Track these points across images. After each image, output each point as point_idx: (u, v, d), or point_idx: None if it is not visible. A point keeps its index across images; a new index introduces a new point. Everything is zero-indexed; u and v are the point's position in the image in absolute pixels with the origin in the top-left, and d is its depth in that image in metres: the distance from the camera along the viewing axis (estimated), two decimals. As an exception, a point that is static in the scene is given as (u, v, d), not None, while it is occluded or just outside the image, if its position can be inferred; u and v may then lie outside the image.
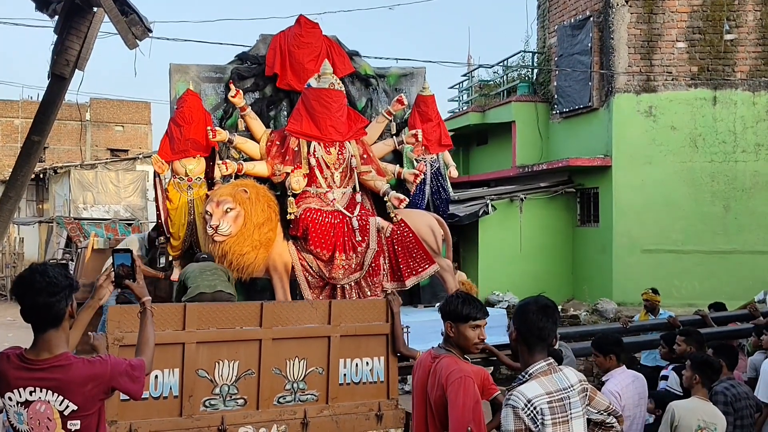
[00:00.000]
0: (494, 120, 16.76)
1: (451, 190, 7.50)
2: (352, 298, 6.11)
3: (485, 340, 3.81)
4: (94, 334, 4.22)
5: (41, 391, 2.88)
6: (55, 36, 5.46)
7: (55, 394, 2.88)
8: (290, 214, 6.10)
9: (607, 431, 3.48)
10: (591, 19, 14.34)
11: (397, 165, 6.84)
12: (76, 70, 5.39)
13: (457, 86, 20.46)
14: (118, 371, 2.99)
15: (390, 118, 6.82)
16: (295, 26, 6.81)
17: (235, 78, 6.63)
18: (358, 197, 6.36)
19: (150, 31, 4.82)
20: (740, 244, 13.43)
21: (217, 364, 4.73)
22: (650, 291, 9.46)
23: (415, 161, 6.89)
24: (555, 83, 15.55)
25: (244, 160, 6.37)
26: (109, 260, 3.49)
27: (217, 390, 4.72)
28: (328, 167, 6.25)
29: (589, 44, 14.31)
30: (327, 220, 6.08)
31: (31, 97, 38.63)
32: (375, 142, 6.78)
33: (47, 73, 5.44)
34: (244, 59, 6.89)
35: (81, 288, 3.30)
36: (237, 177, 6.29)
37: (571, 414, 3.14)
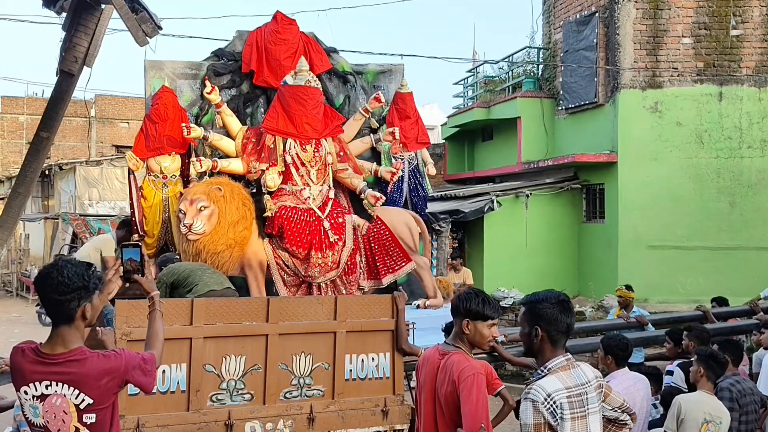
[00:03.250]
0: (499, 116, 16.76)
1: (429, 187, 7.44)
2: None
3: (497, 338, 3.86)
4: (102, 329, 4.26)
5: (57, 385, 2.92)
6: (63, 33, 5.48)
7: (71, 388, 2.92)
8: (268, 211, 6.04)
9: (620, 428, 3.49)
10: (596, 14, 14.32)
11: (374, 163, 6.78)
12: (84, 67, 5.42)
13: (462, 82, 20.44)
14: (132, 365, 3.03)
15: (367, 116, 6.74)
16: (272, 22, 6.72)
17: (210, 75, 6.53)
18: (332, 194, 6.30)
19: (160, 28, 4.85)
20: (746, 240, 13.41)
21: (224, 359, 4.75)
22: (624, 287, 9.45)
23: (393, 159, 6.83)
24: (560, 79, 15.53)
25: (220, 158, 6.30)
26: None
27: (224, 385, 4.75)
28: (304, 165, 6.19)
29: (595, 40, 14.29)
30: (303, 218, 6.02)
31: (36, 94, 38.71)
32: (352, 140, 6.73)
33: (56, 70, 5.48)
34: (220, 56, 6.78)
35: None
36: (212, 174, 6.22)
37: (588, 409, 3.16)
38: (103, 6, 5.30)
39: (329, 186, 6.32)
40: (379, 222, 6.40)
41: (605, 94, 14.15)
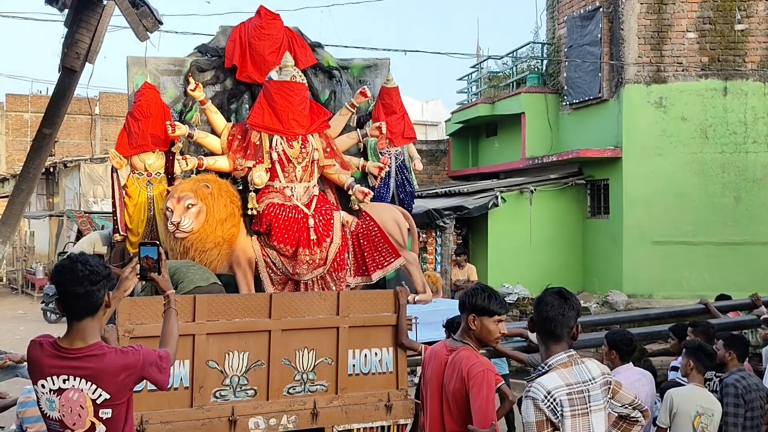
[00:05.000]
0: (504, 111, 16.73)
1: (416, 183, 7.40)
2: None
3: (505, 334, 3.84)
4: (105, 326, 4.25)
5: (75, 380, 2.94)
6: (66, 29, 5.49)
7: (89, 383, 2.94)
8: (250, 209, 5.98)
9: (632, 425, 3.46)
10: (600, 9, 14.28)
11: (362, 158, 6.74)
12: (87, 63, 5.42)
13: (467, 78, 20.42)
14: (148, 361, 3.06)
15: (353, 111, 6.69)
16: (256, 17, 6.63)
17: (194, 71, 6.43)
18: (316, 190, 6.26)
19: (161, 23, 4.84)
20: (751, 236, 13.37)
21: (227, 355, 4.75)
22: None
23: (379, 154, 6.79)
24: (565, 74, 15.50)
25: (205, 155, 6.24)
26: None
27: (227, 381, 4.75)
28: (290, 161, 6.14)
29: (599, 35, 14.25)
30: (290, 215, 5.96)
31: (41, 92, 38.78)
32: (339, 135, 6.68)
33: (58, 67, 5.48)
34: (203, 51, 6.70)
35: None
36: (198, 172, 6.17)
37: (590, 407, 3.13)
38: (104, 2, 5.30)
39: (316, 182, 6.28)
40: (367, 218, 6.37)
41: (609, 89, 14.12)
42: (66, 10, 5.41)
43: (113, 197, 6.30)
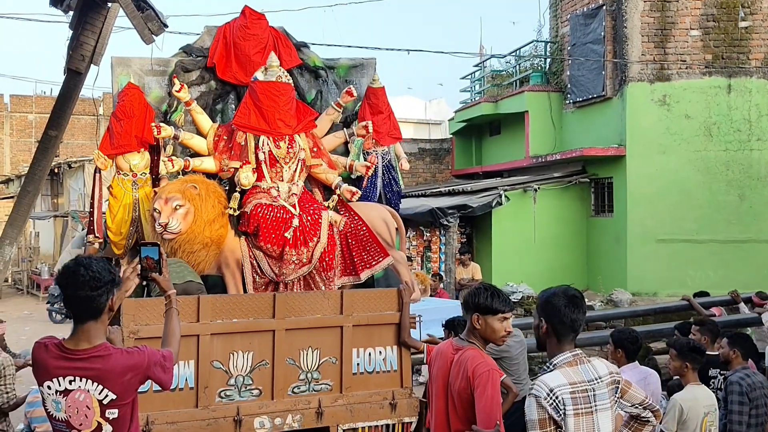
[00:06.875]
0: (507, 110, 16.73)
1: (402, 182, 7.39)
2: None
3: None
4: (109, 327, 4.28)
5: (81, 380, 2.96)
6: (70, 31, 5.52)
7: (95, 384, 2.97)
8: (230, 209, 5.94)
9: (643, 425, 3.46)
10: (604, 7, 14.27)
11: (349, 157, 6.73)
12: (92, 65, 5.45)
13: (470, 76, 20.42)
14: (153, 361, 3.09)
15: (340, 110, 6.68)
16: (241, 17, 6.58)
17: (179, 71, 6.36)
18: (296, 189, 6.24)
19: (166, 26, 4.87)
20: (755, 233, 13.35)
21: (231, 355, 4.77)
22: None
23: (365, 154, 6.78)
24: (568, 72, 15.49)
25: (191, 156, 6.20)
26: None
27: (232, 381, 4.77)
28: (277, 162, 6.11)
29: (602, 33, 14.24)
30: (278, 215, 5.93)
31: (45, 93, 38.91)
32: (325, 135, 6.67)
33: (63, 69, 5.51)
34: (188, 52, 6.66)
35: None
36: (185, 174, 6.05)
37: (596, 406, 3.14)
38: (109, 4, 5.34)
39: (303, 182, 6.27)
40: (356, 217, 6.36)
41: (613, 87, 14.11)
42: (71, 12, 5.45)
43: (92, 198, 6.28)
